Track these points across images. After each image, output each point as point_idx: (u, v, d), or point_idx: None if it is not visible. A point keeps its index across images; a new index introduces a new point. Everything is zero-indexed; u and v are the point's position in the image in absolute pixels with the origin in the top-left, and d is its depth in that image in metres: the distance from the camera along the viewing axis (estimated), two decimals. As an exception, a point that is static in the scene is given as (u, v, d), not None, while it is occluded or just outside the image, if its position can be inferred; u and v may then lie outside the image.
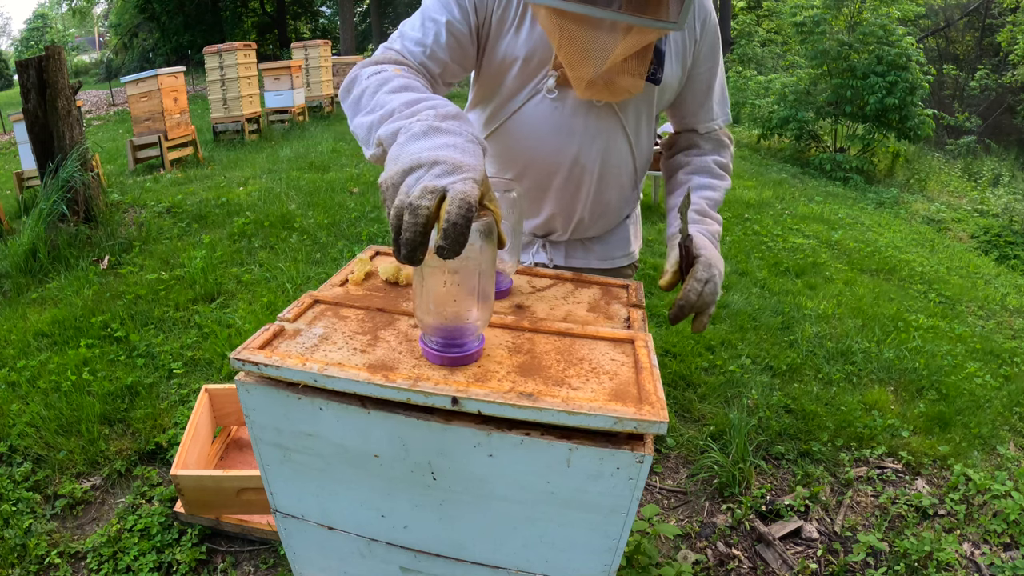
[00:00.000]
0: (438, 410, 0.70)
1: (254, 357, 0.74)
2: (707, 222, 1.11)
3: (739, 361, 2.92)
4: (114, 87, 15.68)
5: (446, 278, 0.70)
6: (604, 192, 1.15)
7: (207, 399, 2.05)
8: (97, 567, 1.73)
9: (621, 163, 1.14)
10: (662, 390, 0.71)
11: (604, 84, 0.98)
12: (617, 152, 1.12)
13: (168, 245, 4.03)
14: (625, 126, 1.10)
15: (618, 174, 1.15)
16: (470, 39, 1.05)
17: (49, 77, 3.85)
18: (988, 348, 3.35)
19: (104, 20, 28.66)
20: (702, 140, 1.21)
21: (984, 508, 2.09)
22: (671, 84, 1.10)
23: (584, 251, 1.25)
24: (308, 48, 9.74)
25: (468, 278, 0.71)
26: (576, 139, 1.07)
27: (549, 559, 0.77)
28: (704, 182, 1.17)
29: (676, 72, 1.09)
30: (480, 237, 0.69)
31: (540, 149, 1.09)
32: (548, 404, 0.67)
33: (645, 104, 1.11)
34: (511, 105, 1.09)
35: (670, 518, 2.04)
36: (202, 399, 2.02)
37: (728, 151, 1.22)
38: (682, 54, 1.09)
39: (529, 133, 1.09)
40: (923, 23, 14.42)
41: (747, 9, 17.90)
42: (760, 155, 9.42)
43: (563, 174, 1.11)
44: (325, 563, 0.90)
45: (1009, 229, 7.06)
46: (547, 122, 1.07)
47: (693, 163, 1.20)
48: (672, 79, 1.09)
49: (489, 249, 0.71)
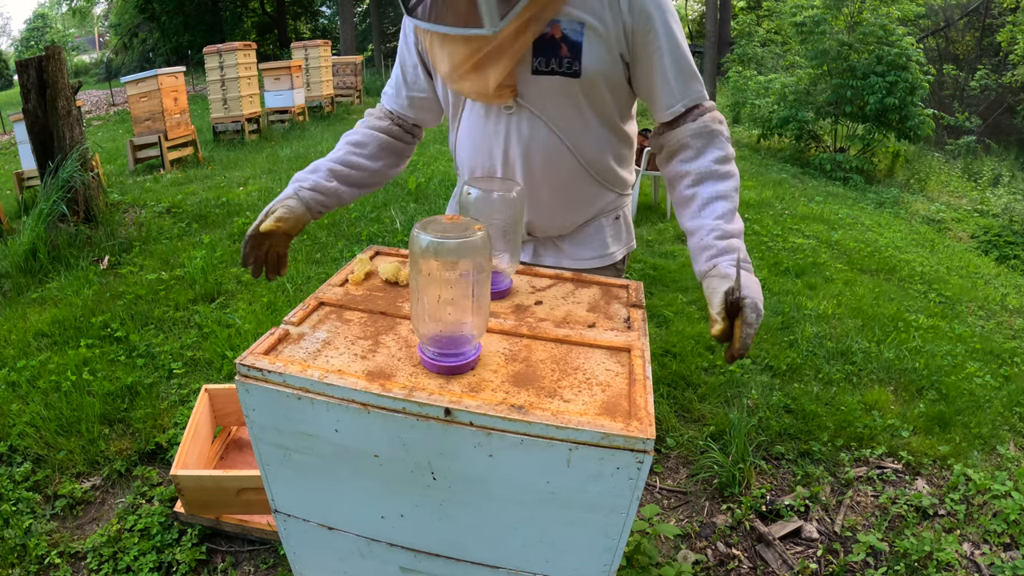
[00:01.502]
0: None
1: (259, 363, 0.76)
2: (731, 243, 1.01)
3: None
4: (114, 87, 15.69)
5: (441, 291, 0.71)
6: (545, 191, 1.15)
7: (207, 399, 2.05)
8: (97, 567, 1.73)
9: (556, 163, 1.13)
10: (652, 404, 0.72)
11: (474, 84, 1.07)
12: (547, 151, 1.11)
13: (168, 245, 4.03)
14: (550, 125, 1.09)
15: (555, 173, 1.13)
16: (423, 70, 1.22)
17: (49, 77, 3.85)
18: (988, 348, 3.35)
19: (104, 20, 28.67)
20: (690, 138, 1.08)
21: (984, 508, 2.09)
22: (600, 72, 1.05)
23: (555, 250, 1.25)
24: (308, 48, 9.75)
25: (463, 290, 0.72)
26: (500, 142, 1.13)
27: (549, 559, 0.77)
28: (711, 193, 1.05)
29: (605, 59, 1.04)
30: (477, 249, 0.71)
31: (476, 154, 1.18)
32: (537, 418, 0.68)
33: (568, 98, 1.07)
34: (456, 119, 1.21)
35: (670, 518, 2.04)
36: (202, 399, 2.02)
37: (722, 138, 1.08)
38: (607, 42, 1.03)
39: (466, 140, 1.19)
40: (923, 23, 14.43)
41: (747, 9, 17.90)
42: (760, 155, 9.42)
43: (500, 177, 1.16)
44: (325, 563, 0.90)
45: (1009, 229, 7.06)
46: (476, 129, 1.16)
47: (692, 172, 1.07)
48: (600, 67, 1.05)
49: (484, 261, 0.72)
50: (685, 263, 4.14)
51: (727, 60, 13.20)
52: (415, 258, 0.71)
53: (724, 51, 14.06)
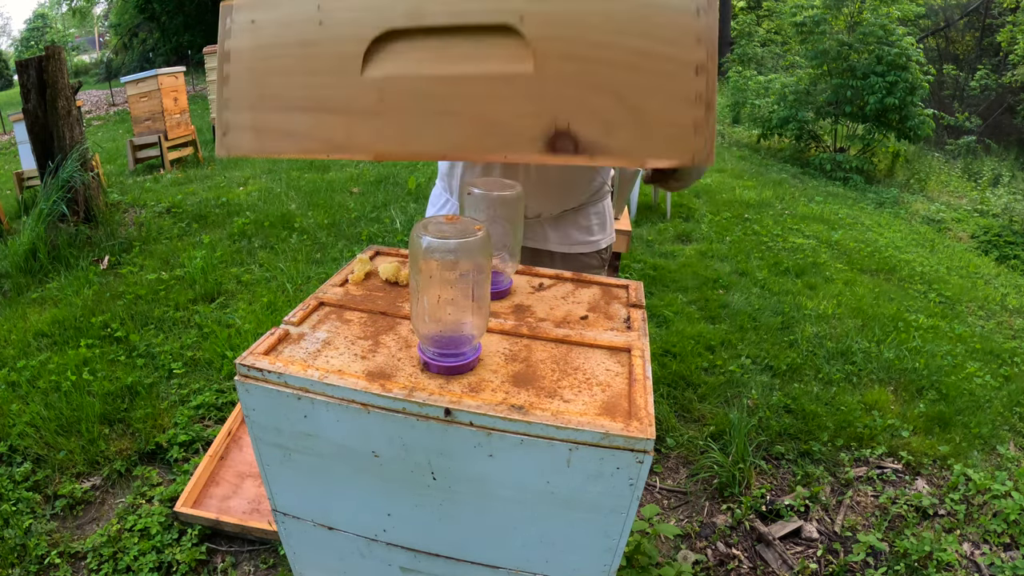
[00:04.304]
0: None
1: (259, 363, 0.76)
2: None
3: (739, 361, 2.92)
4: (114, 87, 15.68)
5: (441, 291, 0.71)
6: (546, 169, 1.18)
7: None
8: (97, 567, 1.73)
9: None
10: (652, 405, 0.72)
11: None
12: None
13: (168, 245, 4.03)
14: None
15: None
16: None
17: (49, 77, 3.85)
18: (988, 348, 3.35)
19: (104, 20, 28.65)
20: None
21: (984, 508, 2.09)
22: None
23: (541, 232, 1.28)
24: (308, 48, 9.74)
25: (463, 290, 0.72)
26: None
27: (549, 559, 0.77)
28: None
29: None
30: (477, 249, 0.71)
31: None
32: (537, 418, 0.68)
33: None
34: None
35: (670, 518, 2.04)
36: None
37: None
38: None
39: None
40: (923, 23, 14.41)
41: (747, 9, 17.89)
42: (760, 155, 9.42)
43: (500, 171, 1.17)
44: (325, 563, 0.90)
45: (1009, 229, 7.05)
46: None
47: None
48: None
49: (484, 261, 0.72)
50: (685, 263, 4.14)
51: (727, 60, 13.18)
52: (415, 258, 0.71)
53: (724, 51, 14.05)
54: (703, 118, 0.55)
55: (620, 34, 0.53)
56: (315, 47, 0.62)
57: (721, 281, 3.88)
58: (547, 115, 0.57)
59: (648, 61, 0.54)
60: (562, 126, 0.57)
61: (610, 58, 0.54)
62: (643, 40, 0.53)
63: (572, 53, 0.55)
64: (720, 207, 5.55)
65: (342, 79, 0.62)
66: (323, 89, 0.63)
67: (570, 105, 0.56)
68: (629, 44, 0.53)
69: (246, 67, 0.65)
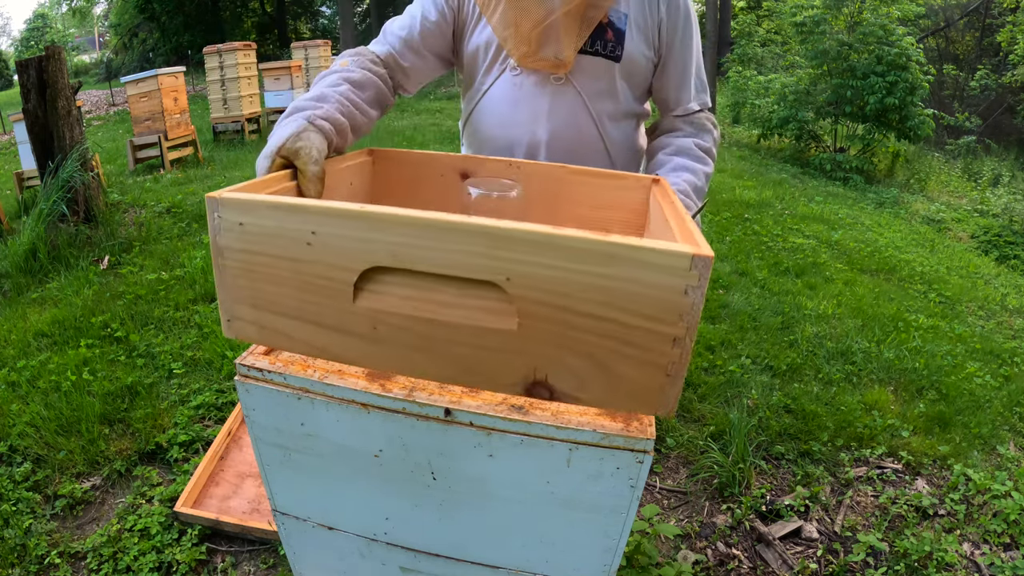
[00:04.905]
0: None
1: (259, 363, 0.76)
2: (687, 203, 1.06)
3: (739, 361, 2.92)
4: (114, 87, 15.67)
5: None
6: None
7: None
8: (97, 567, 1.73)
9: (584, 142, 1.16)
10: None
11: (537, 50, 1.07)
12: (577, 130, 1.15)
13: (168, 245, 4.03)
14: (588, 104, 1.14)
15: (582, 154, 1.16)
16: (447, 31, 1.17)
17: (49, 77, 3.85)
18: (988, 348, 3.35)
19: (104, 20, 28.65)
20: (683, 123, 1.20)
21: (984, 508, 2.09)
22: (636, 62, 1.14)
23: None
24: (308, 48, 9.73)
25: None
26: (533, 114, 1.14)
27: (549, 559, 0.77)
28: (683, 163, 1.13)
29: (641, 50, 1.13)
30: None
31: (501, 124, 1.17)
32: (537, 418, 0.69)
33: (607, 81, 1.14)
34: (482, 87, 1.19)
35: (670, 518, 2.04)
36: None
37: (711, 136, 1.20)
38: (646, 33, 1.13)
39: (492, 110, 1.18)
40: (923, 23, 14.41)
41: (747, 9, 17.89)
42: (760, 155, 9.42)
43: (522, 149, 1.16)
44: (325, 563, 0.90)
45: (1009, 229, 7.05)
46: (507, 99, 1.15)
47: (673, 144, 1.17)
48: (637, 57, 1.13)
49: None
50: (685, 263, 4.14)
51: (727, 60, 13.18)
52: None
53: (724, 51, 14.05)
54: (670, 383, 0.59)
55: (606, 306, 0.56)
56: (306, 266, 0.63)
57: (721, 281, 3.88)
58: (527, 367, 0.61)
59: (628, 333, 0.57)
60: (540, 377, 0.61)
61: (592, 327, 0.58)
62: (627, 315, 0.56)
63: (556, 318, 0.58)
64: (720, 207, 5.55)
65: (335, 303, 0.64)
66: (317, 306, 0.65)
67: (549, 362, 0.60)
68: (613, 316, 0.57)
69: (242, 268, 0.67)
